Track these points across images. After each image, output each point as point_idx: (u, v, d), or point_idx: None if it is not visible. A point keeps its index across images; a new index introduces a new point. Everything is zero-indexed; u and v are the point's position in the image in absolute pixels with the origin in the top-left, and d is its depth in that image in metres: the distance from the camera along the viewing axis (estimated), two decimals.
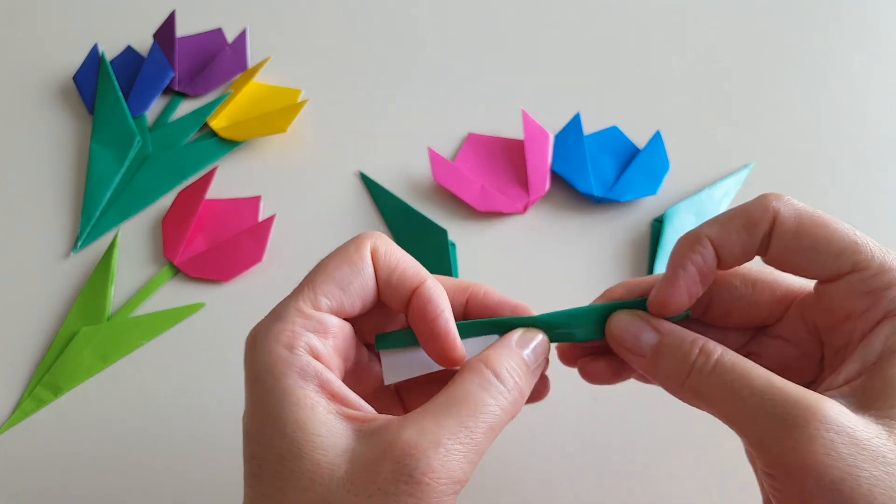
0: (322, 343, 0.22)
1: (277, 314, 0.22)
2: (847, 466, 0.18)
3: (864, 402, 0.20)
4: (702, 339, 0.22)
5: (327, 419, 0.20)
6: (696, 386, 0.22)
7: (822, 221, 0.22)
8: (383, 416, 0.21)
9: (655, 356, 0.23)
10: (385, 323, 0.25)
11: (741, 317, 0.25)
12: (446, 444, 0.19)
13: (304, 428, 0.20)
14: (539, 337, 0.24)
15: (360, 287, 0.23)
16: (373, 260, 0.23)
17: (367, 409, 0.21)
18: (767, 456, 0.20)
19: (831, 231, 0.22)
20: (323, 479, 0.19)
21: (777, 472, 0.20)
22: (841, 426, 0.19)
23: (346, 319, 0.23)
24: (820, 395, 0.20)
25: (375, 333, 0.25)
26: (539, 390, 0.25)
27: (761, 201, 0.22)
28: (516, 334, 0.23)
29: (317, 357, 0.21)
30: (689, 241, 0.23)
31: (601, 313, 0.24)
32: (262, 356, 0.21)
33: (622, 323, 0.24)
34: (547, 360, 0.24)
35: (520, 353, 0.23)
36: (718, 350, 0.21)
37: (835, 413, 0.19)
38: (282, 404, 0.20)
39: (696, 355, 0.22)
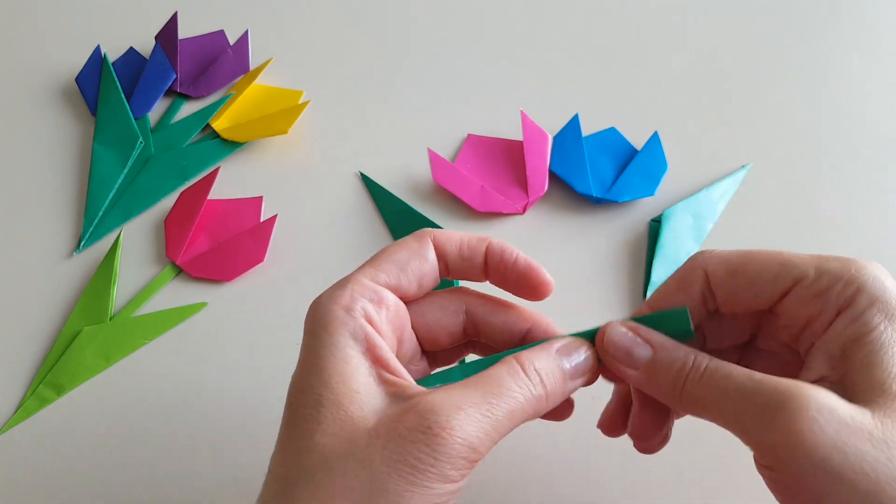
0: (376, 311, 0.23)
1: (340, 284, 0.23)
2: (834, 443, 0.19)
3: (841, 389, 0.20)
4: (693, 352, 0.23)
5: (367, 380, 0.22)
6: (691, 394, 0.22)
7: (748, 258, 0.23)
8: (418, 387, 0.22)
9: (650, 370, 0.23)
10: (441, 319, 0.26)
11: (729, 336, 0.26)
12: (466, 409, 0.20)
13: (345, 381, 0.21)
14: (586, 353, 0.24)
15: (417, 268, 0.25)
16: (435, 247, 0.25)
17: (407, 377, 0.22)
18: (760, 446, 0.20)
19: (760, 262, 0.23)
20: (351, 428, 0.21)
21: (771, 460, 0.20)
22: (824, 406, 0.19)
23: (402, 299, 0.25)
24: (800, 382, 0.20)
25: (429, 328, 0.26)
26: (562, 410, 0.26)
27: (689, 263, 0.24)
28: (562, 341, 0.24)
29: (370, 321, 0.23)
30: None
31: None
32: (320, 315, 0.22)
33: (615, 337, 0.24)
34: (590, 377, 0.25)
35: (558, 357, 0.23)
36: (706, 359, 0.23)
37: (818, 395, 0.20)
38: (329, 357, 0.22)
39: (690, 366, 0.22)
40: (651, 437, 0.26)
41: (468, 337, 0.27)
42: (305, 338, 0.23)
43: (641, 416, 0.26)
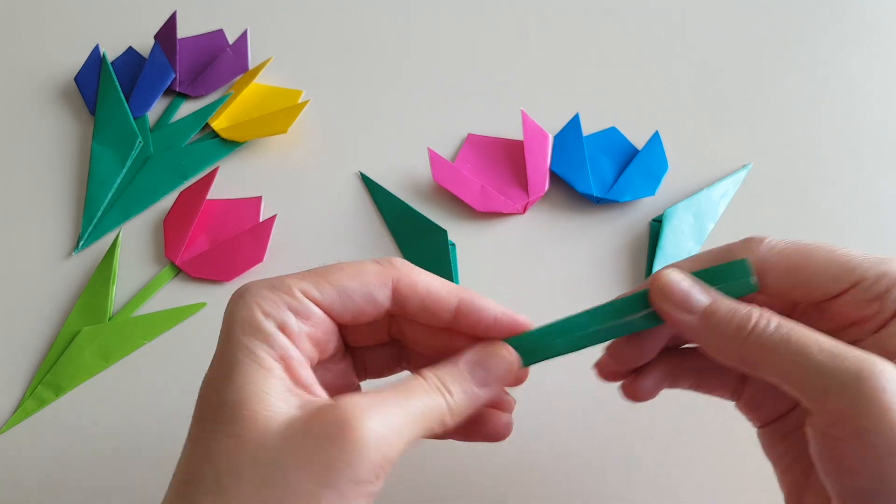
0: (298, 324, 0.22)
1: (271, 282, 0.23)
2: None
3: None
4: (758, 308, 0.22)
5: (277, 385, 0.21)
6: (755, 348, 0.22)
7: (807, 256, 0.23)
8: (328, 397, 0.21)
9: (709, 317, 0.22)
10: (374, 333, 0.26)
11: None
12: (376, 408, 0.20)
13: (254, 382, 0.20)
14: (498, 355, 0.24)
15: (359, 305, 0.23)
16: (395, 292, 0.23)
17: (319, 392, 0.22)
18: (834, 414, 0.20)
19: (819, 261, 0.23)
20: (260, 429, 0.20)
21: (843, 430, 0.20)
22: None
23: (333, 319, 0.23)
24: (880, 357, 0.20)
25: (359, 342, 0.25)
26: (496, 430, 0.25)
27: (739, 247, 0.24)
28: (473, 352, 0.23)
29: (289, 334, 0.22)
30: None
31: (616, 309, 0.24)
32: (241, 313, 0.22)
33: (674, 276, 0.23)
34: (508, 379, 0.24)
35: (464, 368, 0.23)
36: (775, 317, 0.22)
37: None
38: (240, 359, 0.21)
39: (756, 319, 0.22)
40: (628, 362, 0.25)
41: (393, 312, 0.24)
42: (222, 333, 0.22)
43: (631, 340, 0.25)
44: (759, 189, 0.41)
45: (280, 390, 0.21)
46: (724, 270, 0.23)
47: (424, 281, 0.24)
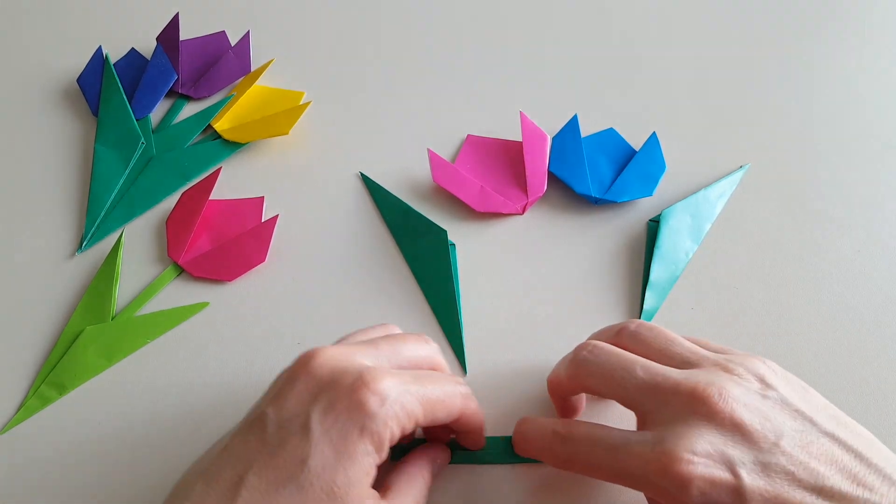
0: (398, 434, 0.26)
1: (403, 401, 0.25)
2: None
3: None
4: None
5: (369, 485, 0.25)
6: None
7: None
8: None
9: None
10: None
11: None
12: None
13: (362, 483, 0.24)
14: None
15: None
16: (457, 420, 0.28)
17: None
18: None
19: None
20: None
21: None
22: None
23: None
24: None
25: None
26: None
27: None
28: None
29: (391, 440, 0.26)
30: None
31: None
32: (376, 423, 0.24)
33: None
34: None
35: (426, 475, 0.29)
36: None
37: None
38: (359, 460, 0.24)
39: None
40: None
41: None
42: (350, 412, 0.24)
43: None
44: (756, 189, 0.41)
45: (369, 493, 0.25)
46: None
47: (477, 414, 0.29)
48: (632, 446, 0.25)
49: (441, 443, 0.31)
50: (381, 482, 0.27)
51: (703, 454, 0.24)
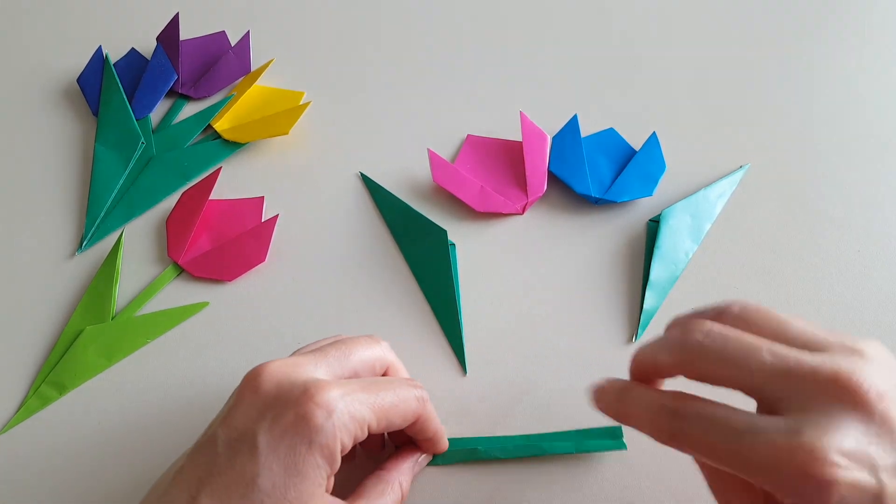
0: (349, 443, 0.26)
1: (351, 409, 0.25)
2: None
3: None
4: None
5: (322, 497, 0.25)
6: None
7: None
8: None
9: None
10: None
11: None
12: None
13: (314, 497, 0.25)
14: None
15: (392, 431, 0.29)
16: (413, 424, 0.29)
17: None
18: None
19: None
20: None
21: None
22: None
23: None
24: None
25: None
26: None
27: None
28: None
29: (342, 450, 0.26)
30: None
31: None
32: (324, 435, 0.24)
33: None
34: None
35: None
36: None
37: None
38: (308, 474, 0.24)
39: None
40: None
41: None
42: (296, 427, 0.24)
43: None
44: (756, 189, 0.41)
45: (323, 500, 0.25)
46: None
47: (434, 417, 0.29)
48: (761, 433, 0.21)
49: (422, 447, 0.31)
50: (354, 487, 0.28)
51: (849, 454, 0.21)
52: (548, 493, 0.31)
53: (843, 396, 0.21)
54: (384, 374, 0.29)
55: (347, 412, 0.25)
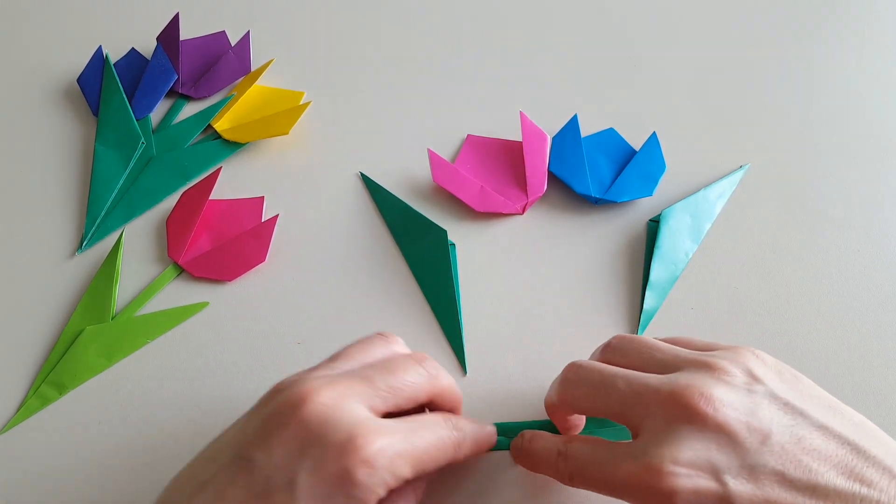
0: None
1: (393, 464, 0.25)
2: None
3: None
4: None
5: None
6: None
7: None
8: None
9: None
10: None
11: None
12: None
13: None
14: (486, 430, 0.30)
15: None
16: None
17: None
18: None
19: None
20: None
21: None
22: None
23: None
24: None
25: None
26: None
27: None
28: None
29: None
30: None
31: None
32: (367, 486, 0.24)
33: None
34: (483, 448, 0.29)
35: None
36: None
37: None
38: None
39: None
40: None
41: None
42: (341, 470, 0.23)
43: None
44: (756, 189, 0.41)
45: None
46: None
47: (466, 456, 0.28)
48: (618, 460, 0.24)
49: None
50: None
51: (686, 464, 0.23)
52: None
53: (679, 413, 0.24)
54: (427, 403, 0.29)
55: (389, 469, 0.24)
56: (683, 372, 0.25)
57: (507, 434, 0.32)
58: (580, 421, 0.31)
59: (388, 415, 0.26)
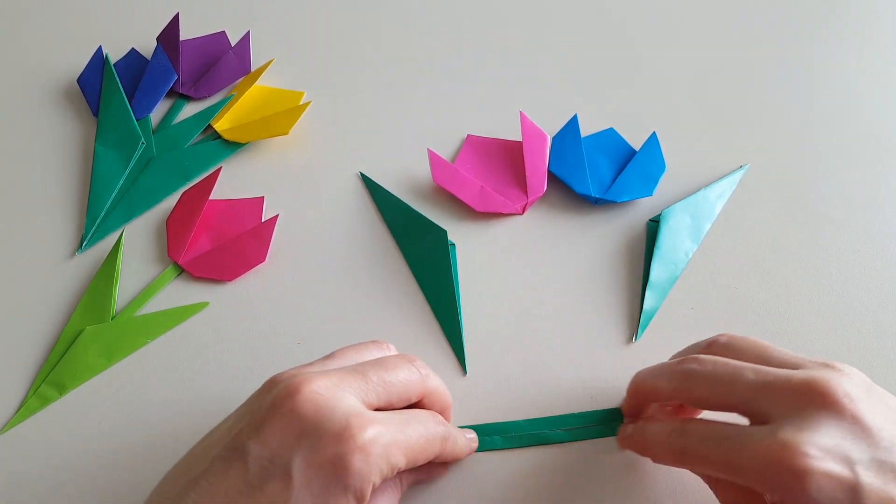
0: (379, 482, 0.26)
1: (388, 453, 0.25)
2: None
3: None
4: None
5: None
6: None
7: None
8: None
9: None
10: None
11: None
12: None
13: None
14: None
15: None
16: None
17: None
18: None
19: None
20: None
21: None
22: None
23: None
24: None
25: None
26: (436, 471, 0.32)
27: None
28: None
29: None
30: None
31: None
32: (359, 479, 0.24)
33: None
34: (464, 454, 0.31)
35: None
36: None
37: None
38: None
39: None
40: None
41: None
42: (333, 463, 0.24)
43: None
44: (756, 190, 0.41)
45: None
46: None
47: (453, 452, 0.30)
48: (749, 438, 0.24)
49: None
50: None
51: (823, 447, 0.23)
52: (548, 479, 0.31)
53: (816, 400, 0.24)
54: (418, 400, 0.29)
55: (384, 456, 0.24)
56: (811, 368, 0.26)
57: (505, 434, 0.32)
58: (653, 411, 0.32)
59: (380, 411, 0.26)
